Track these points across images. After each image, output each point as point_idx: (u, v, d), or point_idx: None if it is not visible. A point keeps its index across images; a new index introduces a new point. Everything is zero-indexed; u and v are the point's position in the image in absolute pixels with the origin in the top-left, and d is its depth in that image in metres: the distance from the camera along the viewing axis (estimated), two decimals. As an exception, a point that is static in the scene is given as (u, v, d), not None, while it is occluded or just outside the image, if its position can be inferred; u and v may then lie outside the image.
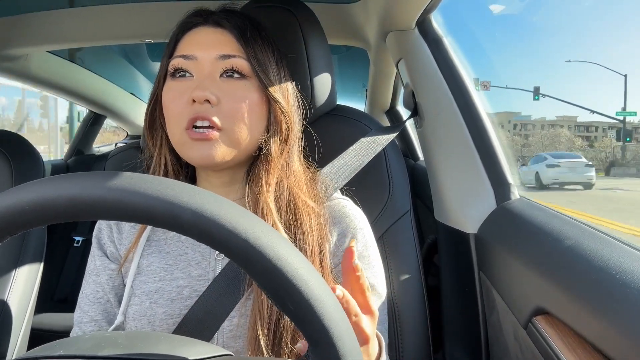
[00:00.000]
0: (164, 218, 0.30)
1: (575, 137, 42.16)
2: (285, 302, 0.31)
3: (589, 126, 45.04)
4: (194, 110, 0.57)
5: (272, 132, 0.62)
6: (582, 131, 45.13)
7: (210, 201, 0.31)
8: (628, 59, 49.75)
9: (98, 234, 0.68)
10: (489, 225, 0.75)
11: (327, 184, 0.70)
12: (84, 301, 0.65)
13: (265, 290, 0.32)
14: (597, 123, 44.36)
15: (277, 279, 0.30)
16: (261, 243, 0.30)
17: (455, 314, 0.85)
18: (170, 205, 0.30)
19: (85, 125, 2.15)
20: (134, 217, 0.30)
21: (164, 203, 0.30)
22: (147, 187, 0.30)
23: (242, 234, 0.30)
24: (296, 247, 0.42)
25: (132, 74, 2.00)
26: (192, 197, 0.30)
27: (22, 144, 1.03)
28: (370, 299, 0.46)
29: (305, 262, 0.32)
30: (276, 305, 0.32)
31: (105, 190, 0.30)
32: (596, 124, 44.77)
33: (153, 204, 0.30)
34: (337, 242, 0.64)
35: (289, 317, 0.32)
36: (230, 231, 0.30)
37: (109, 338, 0.32)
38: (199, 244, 0.63)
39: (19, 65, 1.40)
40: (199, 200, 0.30)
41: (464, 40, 1.15)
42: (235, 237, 0.30)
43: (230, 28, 0.61)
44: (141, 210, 0.30)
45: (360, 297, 0.45)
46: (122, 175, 0.31)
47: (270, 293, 0.31)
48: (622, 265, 0.44)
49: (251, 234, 0.30)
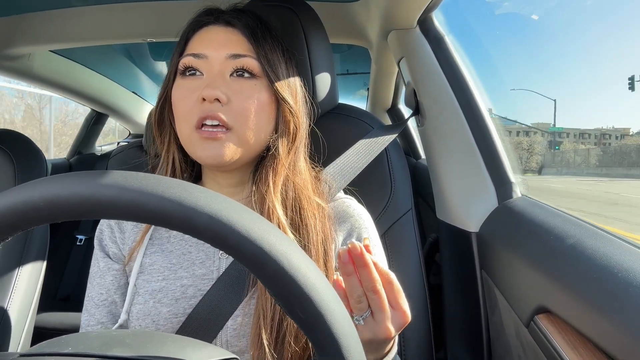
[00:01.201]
0: (180, 221, 0.30)
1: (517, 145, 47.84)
2: (295, 310, 0.31)
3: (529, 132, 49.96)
4: (203, 109, 0.57)
5: (280, 132, 0.62)
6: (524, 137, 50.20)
7: (226, 206, 0.31)
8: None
9: (100, 236, 0.67)
10: (490, 223, 0.75)
11: (331, 183, 0.70)
12: (90, 304, 0.65)
13: (275, 297, 0.32)
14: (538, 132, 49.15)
15: (289, 287, 0.31)
16: (276, 251, 0.30)
17: (457, 313, 0.85)
18: (187, 209, 0.30)
19: (87, 124, 2.15)
20: (150, 218, 0.30)
21: (181, 206, 0.30)
22: (165, 190, 0.30)
23: (258, 241, 0.30)
24: (301, 247, 0.43)
25: (134, 73, 2.00)
26: (209, 201, 0.30)
27: (24, 143, 1.03)
28: (401, 298, 0.47)
29: (317, 271, 0.32)
30: (286, 313, 0.32)
31: (122, 190, 0.30)
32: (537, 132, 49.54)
33: (170, 207, 0.30)
34: (343, 242, 0.65)
35: (298, 325, 0.32)
36: (246, 237, 0.30)
37: (117, 337, 0.32)
38: (202, 243, 0.63)
39: (22, 64, 1.40)
40: (216, 205, 0.30)
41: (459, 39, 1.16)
42: (250, 244, 0.30)
43: (241, 27, 0.61)
44: (158, 213, 0.30)
45: (389, 293, 0.47)
46: (139, 175, 0.31)
47: (280, 300, 0.32)
48: (624, 263, 0.44)
49: (266, 242, 0.30)
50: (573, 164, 27.80)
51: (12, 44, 1.25)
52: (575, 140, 12.45)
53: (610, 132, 13.85)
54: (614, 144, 12.37)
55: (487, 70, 10.42)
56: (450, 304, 0.86)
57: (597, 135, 12.79)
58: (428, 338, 0.79)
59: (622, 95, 53.68)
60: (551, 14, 42.19)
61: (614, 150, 7.96)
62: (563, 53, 55.49)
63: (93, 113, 2.16)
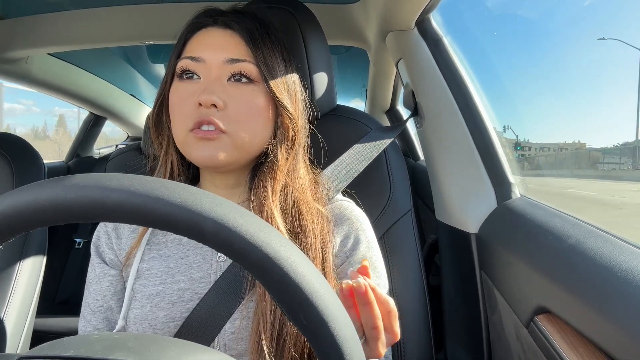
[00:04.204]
0: (185, 226, 0.30)
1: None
2: (299, 317, 0.31)
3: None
4: (200, 113, 0.57)
5: (278, 139, 0.61)
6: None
7: (232, 212, 0.31)
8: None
9: (96, 242, 0.67)
10: (490, 224, 0.75)
11: (329, 186, 0.70)
12: (87, 310, 0.64)
13: (279, 303, 0.32)
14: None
15: (293, 294, 0.31)
16: (281, 257, 0.30)
17: (457, 314, 0.85)
18: (193, 214, 0.30)
19: (85, 127, 2.15)
20: (155, 222, 0.30)
21: (187, 211, 0.30)
22: (171, 194, 0.30)
23: (263, 247, 0.30)
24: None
25: (132, 76, 2.00)
26: (214, 206, 0.30)
27: (22, 146, 1.03)
28: (395, 323, 0.48)
29: (321, 279, 0.32)
30: (289, 319, 0.33)
31: (128, 194, 0.30)
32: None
33: (176, 212, 0.30)
34: (340, 245, 0.64)
35: (301, 331, 0.32)
36: (251, 243, 0.30)
37: (119, 340, 0.32)
38: (200, 247, 0.63)
39: (20, 67, 1.40)
40: (221, 210, 0.30)
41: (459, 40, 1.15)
42: (255, 250, 0.30)
43: (239, 30, 0.60)
44: (163, 217, 0.30)
45: (385, 320, 0.47)
46: (145, 179, 0.31)
47: (284, 306, 0.32)
48: (624, 263, 0.44)
49: (271, 248, 0.30)
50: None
51: (11, 47, 1.25)
52: (536, 152, 12.74)
53: (567, 146, 14.43)
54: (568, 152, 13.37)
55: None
56: (450, 305, 0.86)
57: (555, 149, 13.35)
58: (428, 339, 0.79)
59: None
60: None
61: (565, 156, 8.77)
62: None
63: (91, 116, 2.16)
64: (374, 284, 0.46)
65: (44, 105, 25.21)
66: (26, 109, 25.90)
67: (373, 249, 0.66)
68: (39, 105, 25.30)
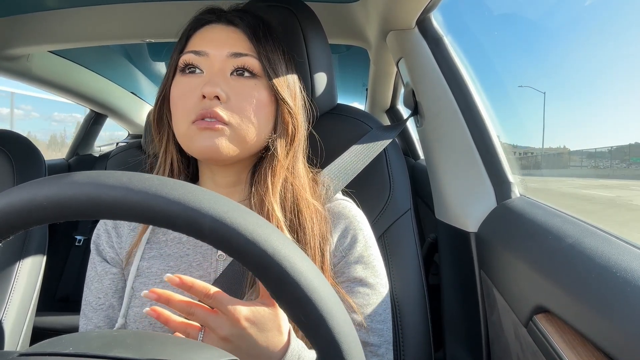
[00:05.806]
0: (184, 223, 0.30)
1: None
2: (297, 313, 0.32)
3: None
4: (202, 105, 0.57)
5: (279, 133, 0.62)
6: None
7: (231, 209, 0.31)
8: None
9: (97, 240, 0.67)
10: (489, 223, 0.75)
11: (328, 185, 0.70)
12: (88, 308, 0.64)
13: (278, 299, 0.32)
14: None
15: (292, 290, 0.31)
16: (279, 254, 0.31)
17: (456, 313, 0.85)
18: (192, 210, 0.30)
19: (86, 125, 2.15)
20: (154, 220, 0.30)
21: (185, 208, 0.30)
22: (169, 192, 0.30)
23: (261, 244, 0.30)
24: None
25: (133, 74, 2.00)
26: (213, 203, 0.31)
27: (23, 144, 1.03)
28: (227, 304, 0.46)
29: (320, 275, 0.33)
30: (288, 316, 0.33)
31: (126, 191, 0.30)
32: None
33: (175, 208, 0.30)
34: (337, 243, 0.64)
35: (299, 327, 0.32)
36: (249, 240, 0.30)
37: (118, 337, 0.32)
38: (200, 246, 0.63)
39: (20, 65, 1.40)
40: (220, 207, 0.31)
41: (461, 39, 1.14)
42: (253, 247, 0.30)
43: (242, 27, 0.61)
44: (162, 214, 0.30)
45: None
46: (143, 177, 0.31)
47: (283, 303, 0.32)
48: (623, 263, 0.44)
49: (270, 245, 0.31)
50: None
51: (11, 44, 1.25)
52: (521, 156, 12.78)
53: (552, 152, 14.76)
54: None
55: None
56: (449, 304, 0.87)
57: (541, 153, 13.59)
58: (427, 338, 0.79)
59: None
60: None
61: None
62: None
63: (92, 114, 2.16)
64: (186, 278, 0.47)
65: (43, 110, 24.85)
66: (25, 114, 25.60)
67: (371, 247, 0.66)
68: (38, 110, 24.95)
